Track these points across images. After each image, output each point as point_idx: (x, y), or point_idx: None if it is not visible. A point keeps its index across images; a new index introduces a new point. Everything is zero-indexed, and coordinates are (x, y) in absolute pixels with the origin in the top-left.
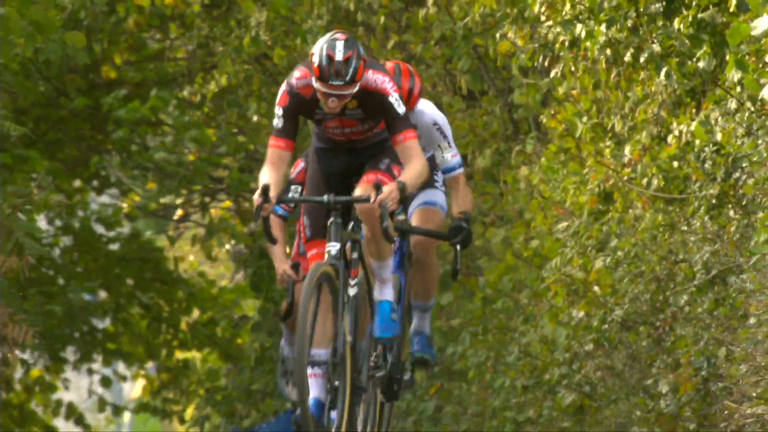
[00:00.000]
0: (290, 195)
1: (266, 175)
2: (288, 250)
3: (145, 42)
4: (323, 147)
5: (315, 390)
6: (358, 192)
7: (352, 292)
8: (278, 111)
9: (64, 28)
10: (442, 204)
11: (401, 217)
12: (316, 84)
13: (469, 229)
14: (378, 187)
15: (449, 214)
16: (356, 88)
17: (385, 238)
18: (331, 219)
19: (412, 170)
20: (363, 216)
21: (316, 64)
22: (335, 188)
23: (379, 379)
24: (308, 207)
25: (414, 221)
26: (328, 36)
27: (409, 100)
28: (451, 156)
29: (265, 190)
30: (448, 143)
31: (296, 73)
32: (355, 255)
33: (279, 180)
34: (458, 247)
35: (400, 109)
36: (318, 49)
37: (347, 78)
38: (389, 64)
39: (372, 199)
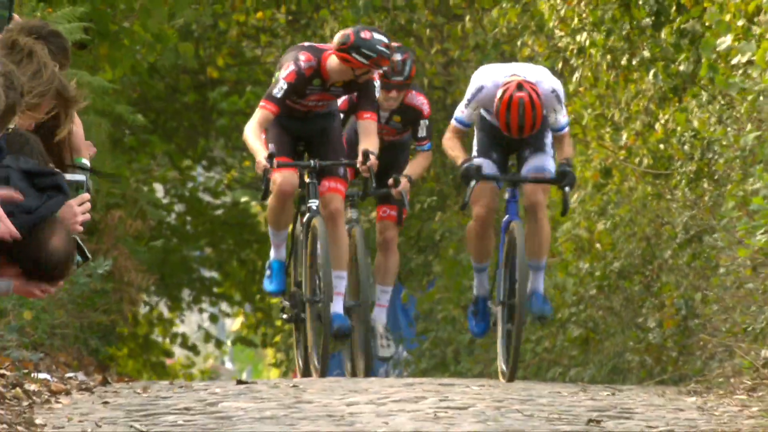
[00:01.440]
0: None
1: (258, 138)
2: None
3: (242, 49)
4: (283, 115)
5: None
6: (325, 199)
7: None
8: (283, 84)
9: (180, 38)
10: (551, 168)
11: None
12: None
13: (572, 172)
14: (366, 156)
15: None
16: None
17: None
18: (309, 180)
19: (373, 142)
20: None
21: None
22: (292, 148)
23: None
24: (275, 138)
25: (527, 185)
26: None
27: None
28: (562, 116)
29: (271, 156)
30: (562, 106)
31: (302, 56)
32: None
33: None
34: (566, 188)
35: (375, 95)
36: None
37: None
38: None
39: (359, 163)
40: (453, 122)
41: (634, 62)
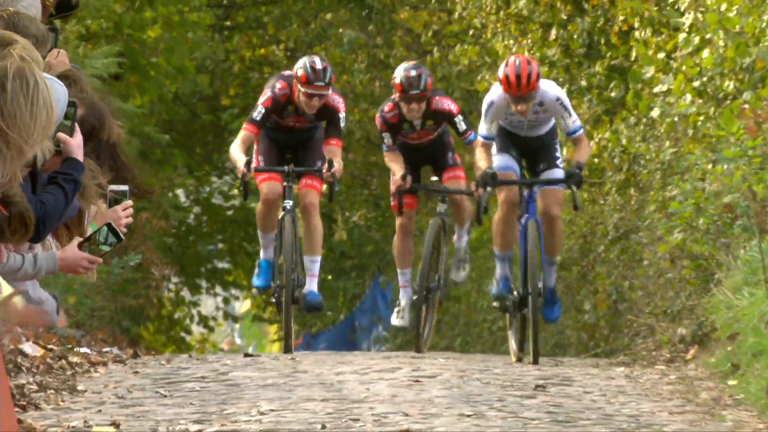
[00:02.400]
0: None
1: (240, 152)
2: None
3: (249, 79)
4: (269, 126)
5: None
6: (301, 192)
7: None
8: (261, 109)
9: (197, 71)
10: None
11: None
12: (303, 88)
13: (580, 174)
14: (330, 163)
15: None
16: (329, 91)
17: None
18: (286, 183)
19: (338, 161)
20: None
21: (301, 74)
22: (279, 154)
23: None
24: (263, 150)
25: (540, 196)
26: (308, 59)
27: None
28: (572, 122)
29: (248, 162)
30: (569, 113)
31: (278, 84)
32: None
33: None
34: (573, 187)
35: (342, 123)
36: (303, 63)
37: (326, 80)
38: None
39: (325, 169)
40: (480, 139)
41: (573, 90)
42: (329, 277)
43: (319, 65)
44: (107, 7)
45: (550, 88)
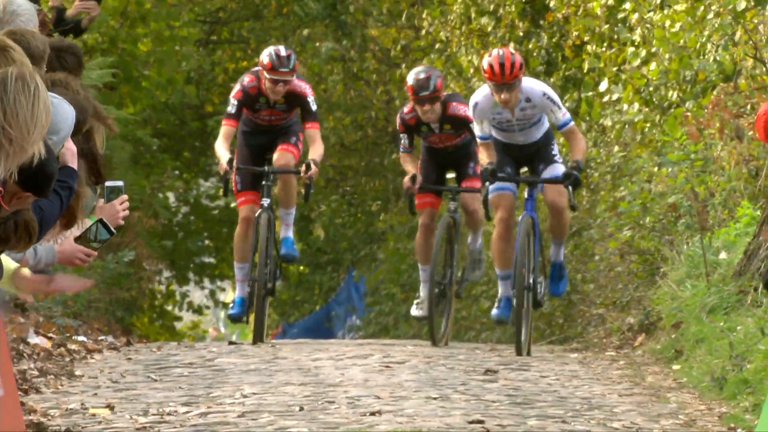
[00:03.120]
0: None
1: (224, 149)
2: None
3: (232, 88)
4: (248, 129)
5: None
6: (275, 157)
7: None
8: (233, 101)
9: (185, 82)
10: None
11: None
12: (269, 75)
13: (577, 175)
14: (308, 166)
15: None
16: (294, 77)
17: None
18: (264, 182)
19: (318, 149)
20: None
21: (267, 62)
22: (258, 158)
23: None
24: (240, 153)
25: (549, 193)
26: (273, 48)
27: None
28: (561, 115)
29: (231, 161)
30: (558, 107)
31: (246, 78)
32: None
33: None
34: (570, 188)
35: (313, 107)
36: (268, 52)
37: (290, 66)
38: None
39: (302, 172)
40: (479, 140)
41: None
42: (306, 271)
43: (283, 53)
44: (105, 23)
45: (535, 84)
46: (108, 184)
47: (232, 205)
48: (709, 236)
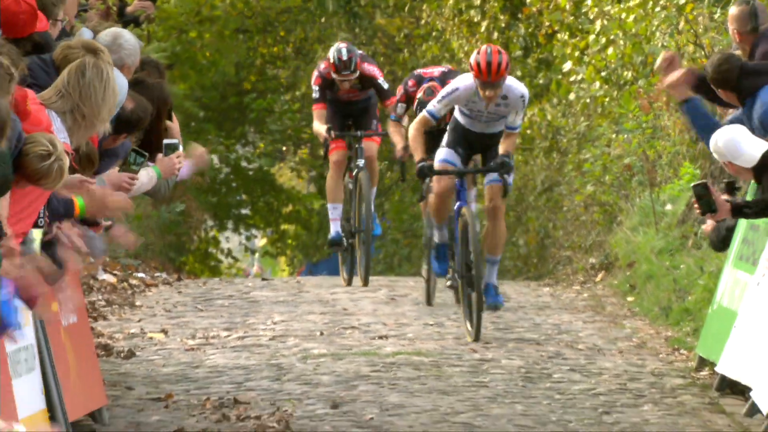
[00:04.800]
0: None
1: (320, 124)
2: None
3: (265, 70)
4: (333, 106)
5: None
6: (364, 147)
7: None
8: (315, 88)
9: (225, 62)
10: (510, 183)
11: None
12: (335, 75)
13: (510, 162)
14: (406, 149)
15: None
16: (357, 74)
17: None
18: (357, 145)
19: (400, 129)
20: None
21: (332, 61)
22: (341, 123)
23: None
24: (329, 117)
25: (488, 192)
26: (336, 46)
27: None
28: (519, 120)
29: (329, 129)
30: (523, 111)
31: (322, 65)
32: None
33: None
34: (505, 176)
35: (385, 86)
36: (333, 54)
37: (351, 68)
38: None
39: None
40: (424, 113)
41: None
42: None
43: (345, 56)
44: (176, 18)
45: (518, 85)
46: (166, 141)
47: (265, 168)
48: (657, 191)
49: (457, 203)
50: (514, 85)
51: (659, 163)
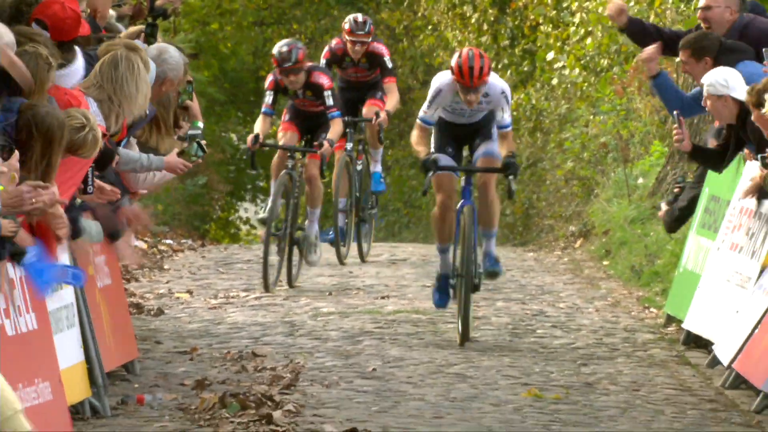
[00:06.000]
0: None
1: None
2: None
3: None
4: (342, 86)
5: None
6: (364, 110)
7: (359, 167)
8: (323, 60)
9: (244, 51)
10: (498, 151)
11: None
12: (349, 37)
13: (516, 164)
14: (377, 115)
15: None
16: (370, 38)
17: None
18: (348, 130)
19: (392, 100)
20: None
21: (347, 27)
22: (351, 109)
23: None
24: (341, 100)
25: (479, 165)
26: (352, 15)
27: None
28: (507, 116)
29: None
30: (508, 107)
31: (333, 42)
32: (360, 148)
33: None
34: (510, 177)
35: (389, 64)
36: (347, 21)
37: (366, 30)
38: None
39: (373, 120)
40: (418, 122)
41: (500, 66)
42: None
43: (360, 18)
44: (200, 11)
45: (497, 81)
46: (190, 132)
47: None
48: (630, 166)
49: (462, 201)
50: (493, 81)
51: (632, 141)
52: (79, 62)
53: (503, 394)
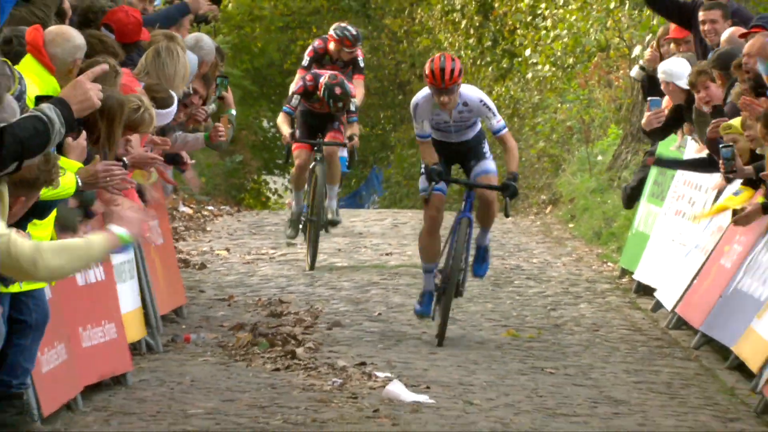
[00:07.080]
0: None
1: (294, 85)
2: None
3: (302, 57)
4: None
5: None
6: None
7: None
8: (306, 57)
9: (272, 50)
10: (494, 170)
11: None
12: (347, 49)
13: (515, 186)
14: (350, 138)
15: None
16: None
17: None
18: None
19: (359, 95)
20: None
21: (347, 41)
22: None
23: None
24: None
25: (481, 190)
26: (345, 29)
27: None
28: (496, 122)
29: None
30: (493, 113)
31: (316, 42)
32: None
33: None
34: (507, 199)
35: (361, 64)
36: (346, 35)
37: (360, 41)
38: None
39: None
40: (417, 139)
41: (482, 63)
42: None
43: (353, 31)
44: (236, 18)
45: (473, 92)
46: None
47: None
48: (591, 146)
49: (462, 213)
50: (469, 92)
51: (592, 125)
52: (174, 105)
53: (486, 334)
